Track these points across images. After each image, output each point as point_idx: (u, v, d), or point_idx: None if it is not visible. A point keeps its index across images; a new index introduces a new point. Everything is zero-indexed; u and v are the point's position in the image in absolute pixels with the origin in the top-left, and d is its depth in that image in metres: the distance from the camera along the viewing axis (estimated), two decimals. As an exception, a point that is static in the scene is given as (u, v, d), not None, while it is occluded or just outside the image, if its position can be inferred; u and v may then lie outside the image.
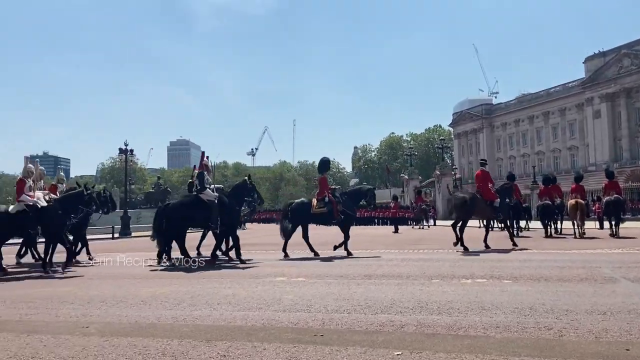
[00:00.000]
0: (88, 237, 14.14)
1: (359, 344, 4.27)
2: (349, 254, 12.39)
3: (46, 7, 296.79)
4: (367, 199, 13.67)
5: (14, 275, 10.40)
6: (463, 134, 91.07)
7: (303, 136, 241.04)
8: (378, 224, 37.37)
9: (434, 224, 33.65)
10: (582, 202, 17.56)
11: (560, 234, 18.71)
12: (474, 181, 14.48)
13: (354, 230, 14.99)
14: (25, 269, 11.40)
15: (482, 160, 16.71)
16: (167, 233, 11.78)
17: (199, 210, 11.63)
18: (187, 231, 12.23)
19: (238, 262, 11.30)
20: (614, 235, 16.61)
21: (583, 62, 67.26)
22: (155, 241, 12.23)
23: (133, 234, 27.66)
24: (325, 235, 13.00)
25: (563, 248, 13.26)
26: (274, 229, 19.71)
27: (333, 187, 13.82)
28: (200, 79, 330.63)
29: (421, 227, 30.04)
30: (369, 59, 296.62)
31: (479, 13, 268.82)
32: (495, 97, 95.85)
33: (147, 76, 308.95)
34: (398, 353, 4.02)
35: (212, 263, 11.38)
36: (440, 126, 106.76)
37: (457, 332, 4.66)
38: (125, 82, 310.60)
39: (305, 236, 12.87)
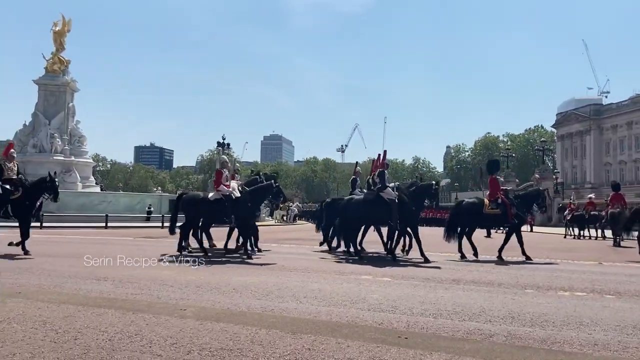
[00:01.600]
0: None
1: (444, 350, 4.19)
2: (528, 258, 12.10)
3: (153, 9, 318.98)
4: (538, 202, 13.34)
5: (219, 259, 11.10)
6: (567, 136, 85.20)
7: (393, 133, 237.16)
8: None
9: (531, 230, 32.05)
10: None
11: None
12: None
13: (439, 232, 14.58)
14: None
15: None
16: (343, 228, 12.55)
17: (379, 208, 11.86)
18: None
19: (422, 260, 11.24)
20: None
21: None
22: (322, 233, 13.95)
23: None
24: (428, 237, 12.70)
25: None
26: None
27: (505, 188, 13.49)
28: (294, 75, 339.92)
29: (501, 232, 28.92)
30: (464, 55, 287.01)
31: (589, 5, 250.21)
32: (606, 97, 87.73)
33: (243, 73, 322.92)
34: (485, 363, 3.90)
35: (393, 259, 11.65)
36: (541, 127, 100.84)
37: (550, 346, 4.42)
38: (223, 78, 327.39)
39: (469, 236, 12.72)
